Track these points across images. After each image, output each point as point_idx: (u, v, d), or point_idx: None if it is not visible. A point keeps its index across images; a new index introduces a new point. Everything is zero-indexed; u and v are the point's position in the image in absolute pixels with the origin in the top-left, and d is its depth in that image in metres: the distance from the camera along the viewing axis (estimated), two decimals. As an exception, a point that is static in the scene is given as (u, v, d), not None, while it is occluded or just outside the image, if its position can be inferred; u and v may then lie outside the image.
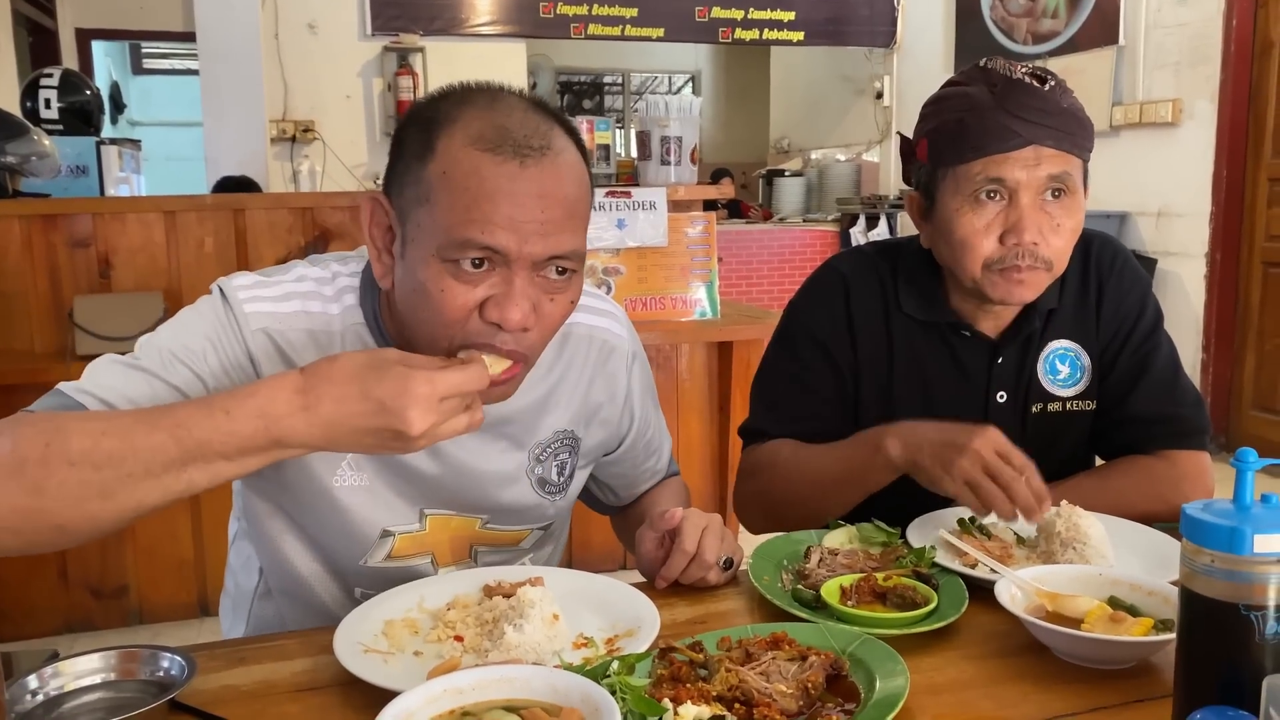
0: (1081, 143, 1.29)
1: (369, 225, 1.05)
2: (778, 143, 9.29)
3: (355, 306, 1.11)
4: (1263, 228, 4.68)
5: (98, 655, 0.91)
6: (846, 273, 1.44)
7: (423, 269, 0.99)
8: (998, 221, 1.27)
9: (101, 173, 4.04)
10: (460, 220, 0.96)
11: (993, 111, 1.25)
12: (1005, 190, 1.26)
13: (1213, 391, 4.85)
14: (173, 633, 2.99)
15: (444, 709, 0.79)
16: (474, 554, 1.25)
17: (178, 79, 10.30)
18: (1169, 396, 1.41)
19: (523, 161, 0.98)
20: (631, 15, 6.50)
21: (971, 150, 1.26)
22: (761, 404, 1.49)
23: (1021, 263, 1.27)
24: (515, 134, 0.98)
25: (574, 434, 1.25)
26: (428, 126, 1.00)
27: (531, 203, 0.97)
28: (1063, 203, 1.28)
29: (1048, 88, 1.27)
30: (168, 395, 1.01)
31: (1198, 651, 0.79)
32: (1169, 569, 1.08)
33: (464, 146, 0.98)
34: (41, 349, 3.01)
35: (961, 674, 0.96)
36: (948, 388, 1.41)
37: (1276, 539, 0.74)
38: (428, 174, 0.99)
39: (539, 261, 1.00)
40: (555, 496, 1.26)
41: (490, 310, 0.99)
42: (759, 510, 1.47)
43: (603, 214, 3.26)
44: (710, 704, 0.83)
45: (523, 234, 0.97)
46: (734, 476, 1.51)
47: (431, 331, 1.01)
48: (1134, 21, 5.17)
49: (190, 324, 1.07)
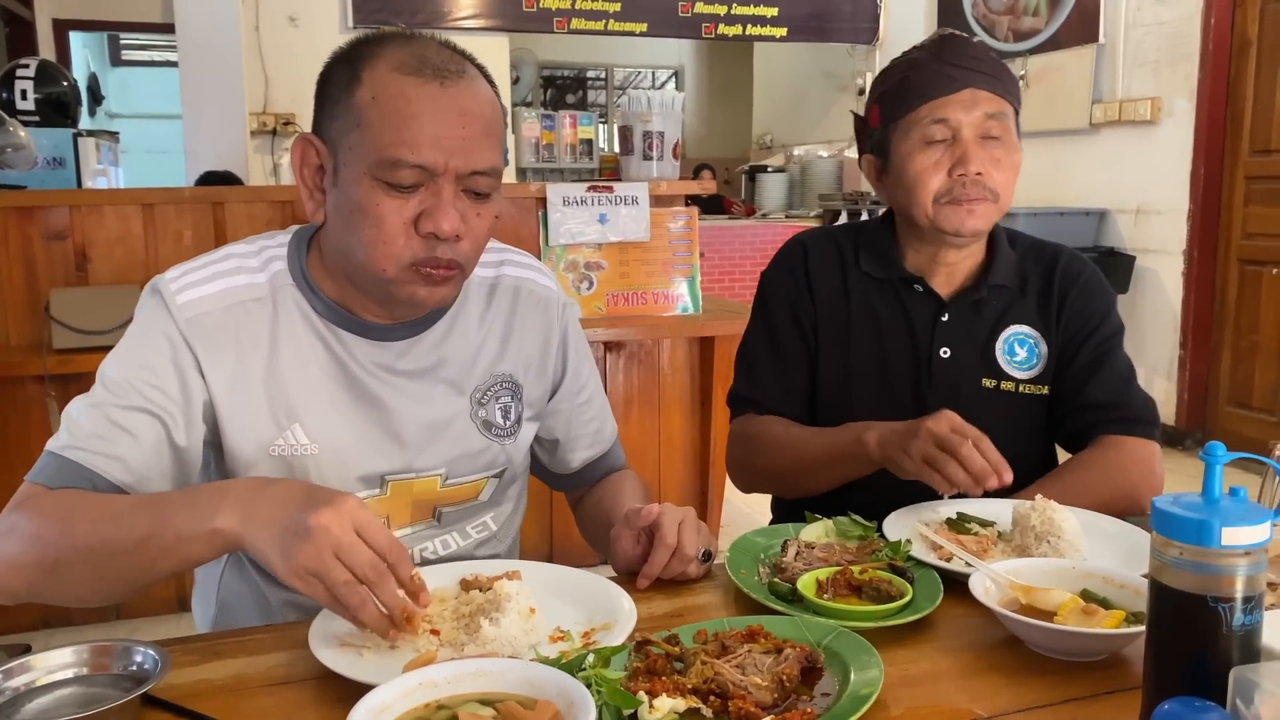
0: (1011, 89, 1.44)
1: (300, 166, 1.13)
2: (760, 138, 9.30)
3: (284, 270, 1.18)
4: (1239, 225, 4.73)
5: (70, 650, 0.90)
6: (805, 240, 1.60)
7: (357, 188, 1.08)
8: (945, 158, 1.41)
9: (79, 165, 4.01)
10: (391, 141, 1.05)
11: (932, 63, 1.43)
12: (949, 129, 1.41)
13: (1189, 387, 4.90)
14: (150, 628, 2.97)
15: (419, 702, 0.79)
16: (437, 514, 1.28)
17: (157, 71, 10.19)
18: (1123, 388, 1.50)
19: (443, 82, 1.07)
20: (615, 10, 6.49)
21: (916, 98, 1.42)
22: (743, 371, 1.60)
23: (969, 192, 1.41)
24: (434, 60, 1.08)
25: (513, 378, 1.29)
26: (353, 61, 1.09)
27: (454, 119, 1.07)
28: (1001, 142, 1.42)
29: (976, 39, 1.43)
30: (142, 422, 1.09)
31: (1167, 643, 0.80)
32: (1142, 562, 1.09)
33: (389, 73, 1.07)
34: (17, 342, 2.98)
35: (936, 666, 0.97)
36: (897, 340, 1.51)
37: (1244, 532, 0.75)
38: (356, 101, 1.07)
39: (462, 175, 1.08)
40: (503, 440, 1.28)
41: (424, 223, 1.08)
42: (749, 475, 1.59)
43: (585, 208, 3.25)
44: (685, 697, 0.83)
45: (447, 149, 1.06)
46: (715, 470, 1.58)
47: (369, 252, 1.09)
48: (1114, 20, 5.20)
49: (137, 340, 1.14)
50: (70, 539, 1.00)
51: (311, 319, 1.17)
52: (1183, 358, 4.91)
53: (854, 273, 1.54)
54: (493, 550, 1.35)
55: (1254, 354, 4.65)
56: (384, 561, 0.91)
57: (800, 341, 1.55)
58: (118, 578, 1.01)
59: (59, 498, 1.05)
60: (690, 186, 3.56)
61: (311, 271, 1.18)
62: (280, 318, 1.16)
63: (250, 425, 1.15)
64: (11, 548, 1.02)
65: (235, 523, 0.95)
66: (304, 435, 1.17)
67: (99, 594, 1.05)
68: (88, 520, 1.00)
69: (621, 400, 3.39)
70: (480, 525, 1.32)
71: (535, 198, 3.28)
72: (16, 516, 1.04)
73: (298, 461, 1.17)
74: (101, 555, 0.99)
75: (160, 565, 1.00)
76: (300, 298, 1.17)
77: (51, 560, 1.00)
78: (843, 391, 1.52)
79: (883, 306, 1.52)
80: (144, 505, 1.02)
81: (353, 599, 0.89)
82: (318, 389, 1.17)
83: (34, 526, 1.02)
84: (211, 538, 0.96)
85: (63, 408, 1.14)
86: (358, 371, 1.19)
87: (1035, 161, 5.73)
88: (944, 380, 1.47)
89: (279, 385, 1.15)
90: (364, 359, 1.19)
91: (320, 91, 1.12)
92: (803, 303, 1.54)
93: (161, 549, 0.98)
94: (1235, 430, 4.68)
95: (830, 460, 1.40)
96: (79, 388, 1.16)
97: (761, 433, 1.52)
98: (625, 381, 3.41)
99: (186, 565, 1.02)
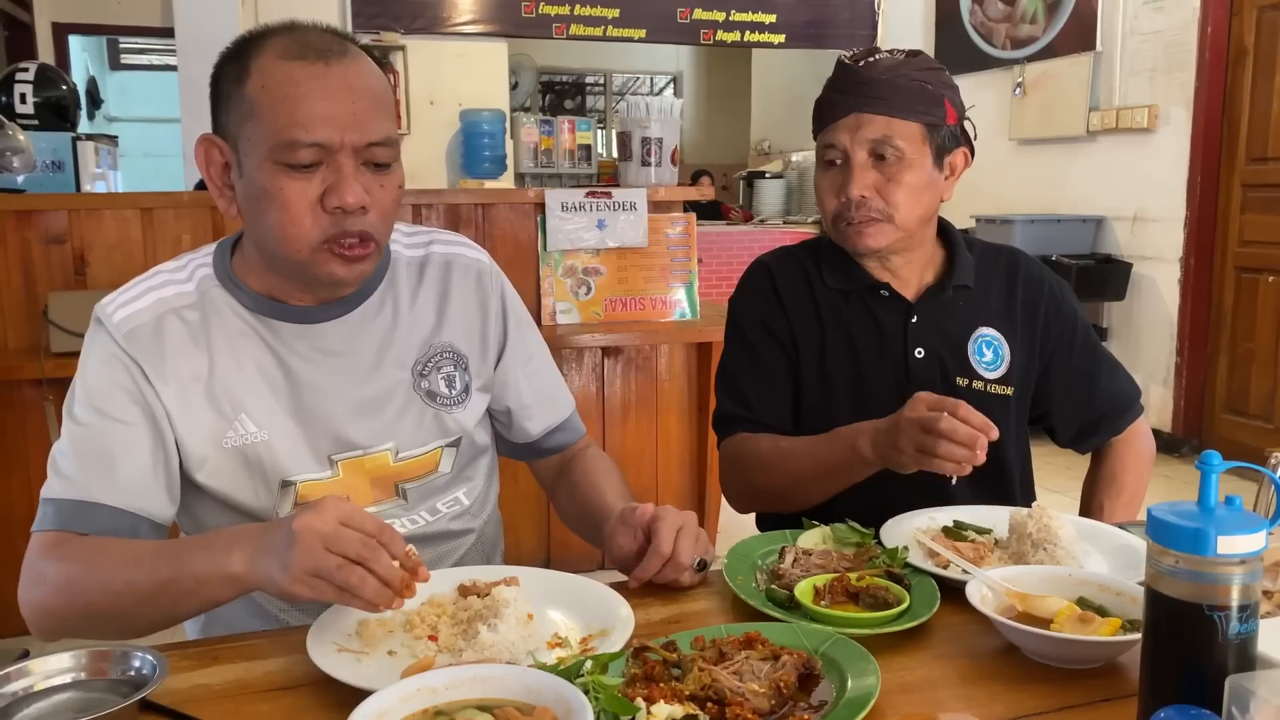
0: (906, 106, 1.44)
1: (206, 166, 1.17)
2: (758, 145, 9.31)
3: (209, 275, 1.23)
4: (1236, 233, 4.73)
5: (68, 654, 0.90)
6: (769, 262, 1.62)
7: (260, 175, 1.11)
8: (837, 182, 1.47)
9: (78, 168, 4.00)
10: (285, 124, 1.09)
11: (826, 92, 1.49)
12: (838, 154, 1.46)
13: (1186, 394, 4.90)
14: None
15: (417, 708, 0.79)
16: (402, 492, 1.29)
17: (156, 75, 10.19)
18: (1115, 377, 1.62)
19: (327, 62, 1.11)
20: (613, 16, 6.49)
21: (816, 123, 1.50)
22: (725, 392, 1.60)
23: (855, 215, 1.45)
24: (316, 44, 1.12)
25: (454, 348, 1.31)
26: (240, 57, 1.13)
27: (342, 95, 1.10)
28: (893, 162, 1.44)
29: (861, 64, 1.46)
30: (121, 443, 1.14)
31: (1162, 651, 0.80)
32: (1138, 569, 1.09)
33: (275, 60, 1.11)
34: (15, 346, 2.98)
35: (932, 673, 0.97)
36: (871, 348, 1.53)
37: (1240, 540, 0.75)
38: (247, 92, 1.11)
39: (359, 149, 1.11)
40: (451, 409, 1.30)
41: (329, 198, 1.10)
42: (744, 495, 1.59)
43: (583, 214, 3.26)
44: (683, 703, 0.83)
45: (340, 125, 1.09)
46: (712, 475, 1.57)
47: (282, 233, 1.12)
48: (1111, 28, 5.21)
49: (89, 370, 1.18)
50: (99, 584, 1.05)
51: (241, 314, 1.21)
52: (1179, 365, 4.91)
53: (820, 288, 1.56)
54: (468, 525, 1.36)
55: (1250, 361, 4.66)
56: (375, 540, 0.94)
57: (780, 354, 1.55)
58: (144, 617, 1.07)
59: (84, 544, 1.10)
60: (688, 192, 3.56)
61: (237, 271, 1.23)
62: (211, 318, 1.20)
63: (199, 422, 1.18)
64: (42, 594, 1.08)
65: (245, 564, 0.99)
66: (252, 424, 1.20)
67: (129, 631, 1.09)
68: (113, 566, 1.06)
69: (619, 406, 3.40)
70: (451, 501, 1.34)
71: (533, 203, 3.28)
72: (44, 563, 1.09)
73: (250, 450, 1.20)
74: (128, 599, 1.04)
75: (184, 606, 1.06)
76: (228, 296, 1.22)
77: (82, 604, 1.06)
78: (824, 406, 1.52)
79: (853, 318, 1.54)
80: (164, 550, 1.07)
81: (351, 578, 0.92)
82: (256, 379, 1.21)
83: (63, 574, 1.07)
84: (228, 582, 1.00)
85: (60, 411, 1.16)
86: (289, 357, 1.22)
87: (1032, 169, 5.76)
88: (923, 381, 1.48)
89: (220, 381, 1.19)
90: (296, 344, 1.22)
91: (214, 91, 1.16)
92: (777, 320, 1.56)
93: (183, 592, 1.02)
94: (1231, 438, 4.69)
95: (827, 472, 1.40)
96: (77, 391, 1.18)
97: (751, 451, 1.51)
98: (623, 387, 3.41)
99: (209, 606, 1.07)
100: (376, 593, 0.93)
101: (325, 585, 0.92)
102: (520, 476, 1.55)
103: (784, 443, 1.48)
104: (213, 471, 1.19)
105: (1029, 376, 1.55)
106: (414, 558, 0.97)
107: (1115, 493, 1.59)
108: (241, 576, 0.99)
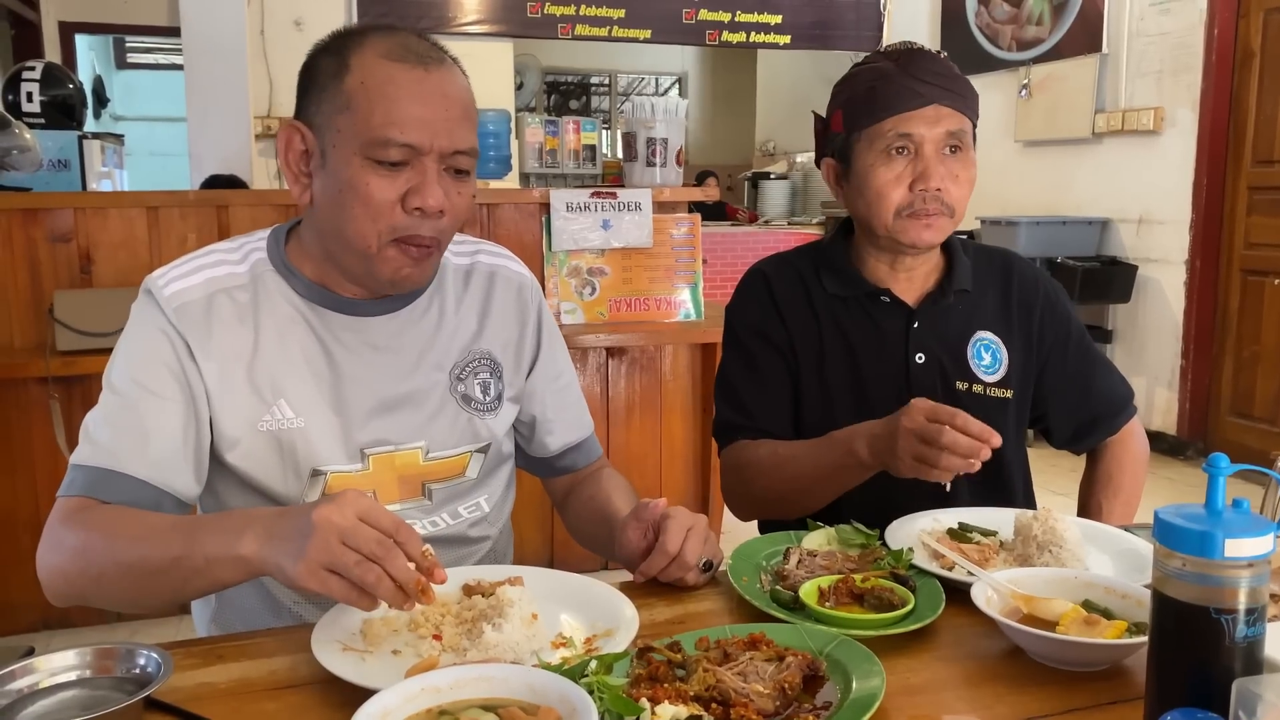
0: (973, 106, 1.47)
1: (285, 152, 1.18)
2: (763, 145, 9.31)
3: (263, 259, 1.24)
4: (1242, 235, 4.73)
5: (73, 652, 0.90)
6: (765, 269, 1.61)
7: (347, 169, 1.13)
8: (907, 172, 1.43)
9: (84, 167, 4.01)
10: (381, 121, 1.11)
11: (899, 76, 1.44)
12: (912, 144, 1.43)
13: (1191, 397, 4.89)
14: (151, 630, 2.97)
15: (421, 707, 0.79)
16: (427, 491, 1.29)
17: (162, 74, 10.21)
18: (1110, 377, 1.63)
19: (427, 68, 1.14)
20: (619, 16, 6.49)
21: (882, 110, 1.43)
22: (724, 400, 1.59)
23: (929, 207, 1.43)
24: (416, 49, 1.16)
25: (492, 356, 1.34)
26: (339, 52, 1.15)
27: (437, 101, 1.14)
28: (959, 158, 1.45)
29: (943, 55, 1.46)
30: (155, 415, 1.15)
31: (1169, 654, 0.80)
32: (1144, 572, 1.09)
33: (376, 59, 1.13)
34: (21, 344, 2.98)
35: (937, 675, 0.97)
36: (871, 354, 1.52)
37: (1247, 543, 0.75)
38: (345, 87, 1.13)
39: (446, 154, 1.15)
40: (484, 414, 1.32)
41: (412, 199, 1.13)
42: (746, 503, 1.58)
43: (588, 215, 3.26)
44: (688, 704, 0.83)
45: (432, 130, 1.13)
46: (716, 477, 1.56)
47: (360, 226, 1.14)
48: (1117, 30, 5.20)
49: (134, 339, 1.19)
50: (112, 554, 1.06)
51: (293, 300, 1.22)
52: (1184, 367, 4.90)
53: (819, 294, 1.55)
54: (485, 532, 1.37)
55: (1256, 364, 4.65)
56: (392, 539, 0.93)
57: (779, 360, 1.54)
58: (153, 592, 1.07)
59: (103, 513, 1.10)
60: (693, 193, 3.56)
61: (291, 257, 1.24)
62: (261, 300, 1.21)
63: (237, 403, 1.19)
64: (59, 559, 1.09)
65: (256, 547, 0.98)
66: (290, 410, 1.20)
67: (138, 605, 1.11)
68: (128, 538, 1.06)
69: (624, 406, 3.40)
70: (473, 506, 1.34)
71: (539, 203, 3.28)
72: (63, 530, 1.10)
73: (285, 435, 1.20)
74: (139, 572, 1.05)
75: (192, 585, 1.05)
76: (280, 281, 1.23)
77: (95, 573, 1.07)
78: (825, 412, 1.51)
79: (852, 324, 1.53)
80: (179, 527, 1.06)
81: (367, 576, 0.91)
82: (299, 365, 1.21)
83: (80, 540, 1.08)
84: (237, 564, 0.99)
85: (65, 409, 1.17)
86: (335, 347, 1.23)
87: (1038, 170, 5.75)
88: (923, 386, 1.47)
89: (263, 363, 1.20)
90: (343, 334, 1.23)
91: (305, 80, 1.18)
92: (774, 327, 1.54)
93: (192, 570, 1.02)
94: (1237, 440, 4.68)
95: (825, 475, 1.39)
96: (82, 390, 1.18)
97: (751, 458, 1.50)
98: (627, 387, 3.41)
99: (218, 587, 1.07)
100: (391, 594, 0.92)
101: (336, 581, 0.91)
102: (524, 476, 1.54)
103: (782, 448, 1.47)
104: (244, 454, 1.20)
105: (1027, 379, 1.55)
106: (431, 558, 0.96)
107: (1113, 493, 1.59)
108: (250, 559, 0.98)
